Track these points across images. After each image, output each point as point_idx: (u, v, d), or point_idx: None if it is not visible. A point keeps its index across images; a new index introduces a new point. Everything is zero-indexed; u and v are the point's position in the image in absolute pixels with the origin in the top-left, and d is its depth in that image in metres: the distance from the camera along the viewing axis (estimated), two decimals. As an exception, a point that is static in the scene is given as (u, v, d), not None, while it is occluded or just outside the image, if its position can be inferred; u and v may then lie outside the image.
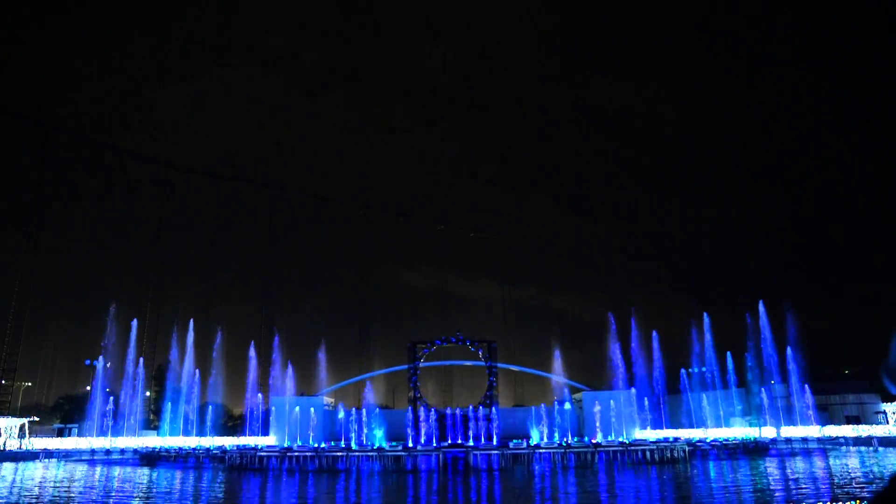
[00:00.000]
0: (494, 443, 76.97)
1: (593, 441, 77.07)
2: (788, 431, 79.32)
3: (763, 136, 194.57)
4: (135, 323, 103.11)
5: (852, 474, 44.09)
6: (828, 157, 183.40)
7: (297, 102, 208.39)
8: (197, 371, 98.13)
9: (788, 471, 47.92)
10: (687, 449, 64.72)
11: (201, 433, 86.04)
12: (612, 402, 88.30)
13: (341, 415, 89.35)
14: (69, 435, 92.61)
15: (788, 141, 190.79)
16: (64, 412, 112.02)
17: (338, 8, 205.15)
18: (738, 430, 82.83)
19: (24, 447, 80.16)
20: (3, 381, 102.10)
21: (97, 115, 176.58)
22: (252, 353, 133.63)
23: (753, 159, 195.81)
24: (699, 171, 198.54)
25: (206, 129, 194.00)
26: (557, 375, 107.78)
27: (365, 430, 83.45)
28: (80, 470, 59.86)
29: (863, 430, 77.86)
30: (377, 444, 77.73)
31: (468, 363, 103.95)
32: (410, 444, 77.43)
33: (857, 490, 33.97)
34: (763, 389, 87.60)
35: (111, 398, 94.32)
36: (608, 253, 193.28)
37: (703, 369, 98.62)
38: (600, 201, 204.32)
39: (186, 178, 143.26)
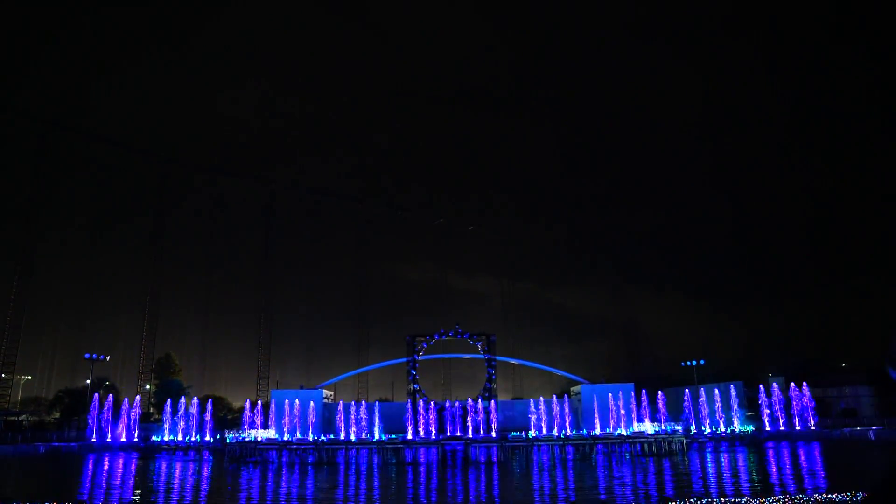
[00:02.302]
0: (493, 435, 77.37)
1: (591, 433, 77.51)
2: (785, 424, 79.75)
3: (761, 133, 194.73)
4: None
5: (847, 465, 44.47)
6: (824, 154, 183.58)
7: (294, 98, 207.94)
8: (196, 364, 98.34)
9: (784, 462, 48.26)
10: (684, 441, 65.16)
11: (201, 426, 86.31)
12: (610, 394, 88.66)
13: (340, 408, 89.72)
14: (69, 427, 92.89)
15: (784, 138, 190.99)
16: (64, 405, 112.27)
17: (336, 13, 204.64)
18: (736, 423, 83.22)
19: (24, 440, 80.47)
20: (3, 375, 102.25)
21: (97, 114, 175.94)
22: (251, 346, 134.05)
23: (749, 155, 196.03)
24: (696, 169, 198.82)
25: (205, 126, 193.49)
26: (556, 368, 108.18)
27: (364, 423, 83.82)
28: (80, 462, 60.11)
29: (858, 423, 78.35)
30: (377, 437, 78.14)
31: (467, 356, 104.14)
32: (410, 437, 77.82)
33: (852, 480, 34.27)
34: (761, 383, 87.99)
35: (111, 391, 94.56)
36: (607, 247, 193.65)
37: (701, 362, 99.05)
38: (598, 199, 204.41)
39: (186, 172, 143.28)
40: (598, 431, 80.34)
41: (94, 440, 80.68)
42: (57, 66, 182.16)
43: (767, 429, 78.47)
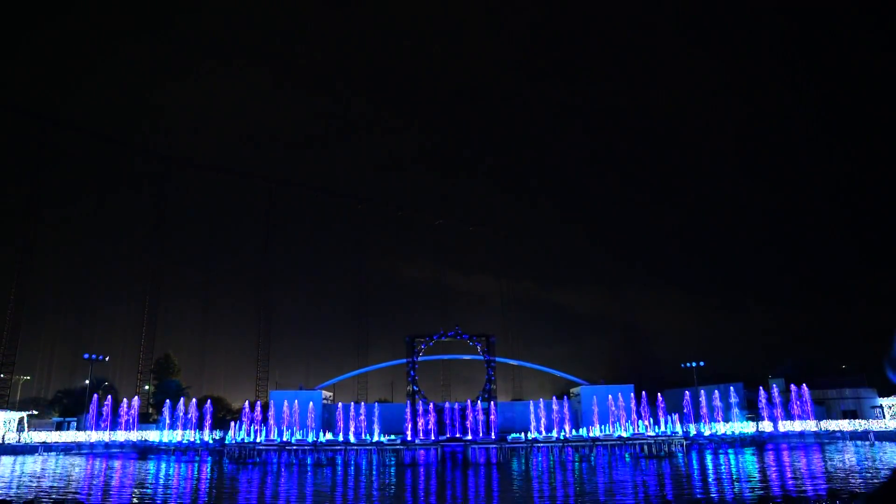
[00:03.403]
0: (493, 437, 77.23)
1: (591, 435, 77.35)
2: (786, 426, 79.62)
3: (758, 132, 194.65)
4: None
5: (848, 468, 44.33)
6: (823, 154, 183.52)
7: (293, 96, 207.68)
8: (195, 364, 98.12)
9: (784, 464, 48.14)
10: (685, 443, 64.99)
11: (200, 427, 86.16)
12: (609, 395, 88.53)
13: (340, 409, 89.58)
14: (68, 429, 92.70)
15: (783, 137, 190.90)
16: (63, 406, 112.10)
17: (330, 4, 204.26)
18: (736, 425, 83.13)
19: (22, 441, 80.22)
20: (2, 375, 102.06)
21: (94, 109, 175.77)
22: (251, 347, 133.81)
23: (749, 155, 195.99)
24: (694, 168, 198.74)
25: (203, 123, 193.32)
26: (555, 369, 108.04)
27: (363, 425, 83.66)
28: (79, 463, 59.97)
29: (859, 425, 78.19)
30: (376, 438, 77.96)
31: (467, 357, 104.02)
32: (409, 438, 77.65)
33: (853, 482, 34.16)
34: (760, 384, 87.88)
35: (110, 392, 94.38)
36: (606, 247, 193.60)
37: (702, 363, 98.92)
38: (597, 197, 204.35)
39: (184, 170, 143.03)
40: (597, 433, 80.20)
41: (92, 440, 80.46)
42: (57, 62, 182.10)
43: (768, 430, 78.31)
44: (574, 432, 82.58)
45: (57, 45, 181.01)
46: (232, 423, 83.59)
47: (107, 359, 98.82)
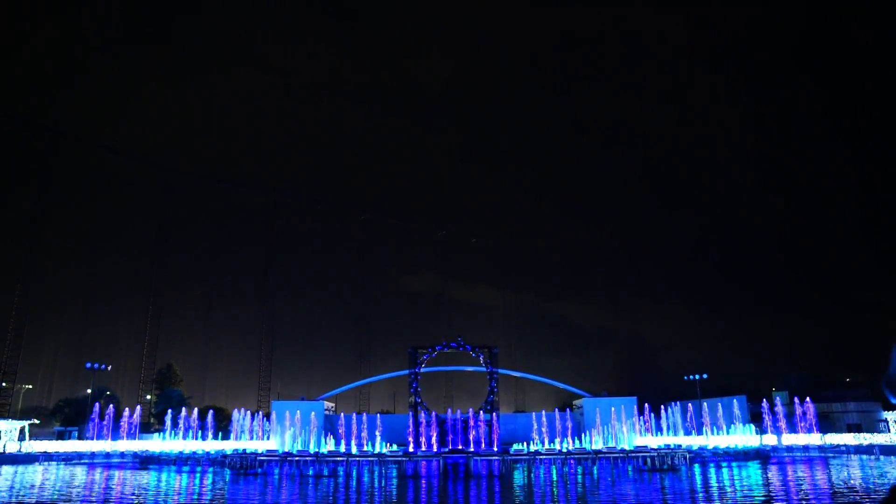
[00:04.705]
0: (495, 448, 76.90)
1: (594, 447, 76.96)
2: (790, 439, 79.11)
3: (762, 143, 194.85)
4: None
5: (853, 482, 43.97)
6: (826, 165, 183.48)
7: (297, 107, 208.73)
8: (197, 374, 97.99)
9: (789, 478, 47.78)
10: (688, 456, 64.57)
11: (201, 437, 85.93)
12: (612, 408, 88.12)
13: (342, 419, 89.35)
14: (69, 438, 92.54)
15: (787, 148, 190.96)
16: (64, 415, 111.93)
17: (335, 17, 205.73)
18: (740, 438, 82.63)
19: (23, 450, 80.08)
20: (4, 384, 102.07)
21: (97, 117, 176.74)
22: (253, 357, 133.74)
23: (753, 166, 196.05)
24: (699, 178, 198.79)
25: (206, 132, 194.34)
26: (558, 381, 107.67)
27: (365, 435, 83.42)
28: (80, 473, 59.82)
29: (864, 439, 77.64)
30: (377, 449, 77.69)
31: (469, 368, 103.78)
32: (411, 450, 77.34)
33: (858, 499, 33.87)
34: (764, 397, 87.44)
35: (112, 401, 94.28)
36: (609, 258, 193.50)
37: (705, 376, 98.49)
38: (601, 207, 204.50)
39: (188, 180, 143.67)
40: (600, 445, 79.80)
41: (93, 450, 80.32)
42: (58, 76, 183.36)
43: (771, 444, 77.80)
44: (577, 444, 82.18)
45: (59, 49, 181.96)
46: (234, 412, 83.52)
47: (109, 368, 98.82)
